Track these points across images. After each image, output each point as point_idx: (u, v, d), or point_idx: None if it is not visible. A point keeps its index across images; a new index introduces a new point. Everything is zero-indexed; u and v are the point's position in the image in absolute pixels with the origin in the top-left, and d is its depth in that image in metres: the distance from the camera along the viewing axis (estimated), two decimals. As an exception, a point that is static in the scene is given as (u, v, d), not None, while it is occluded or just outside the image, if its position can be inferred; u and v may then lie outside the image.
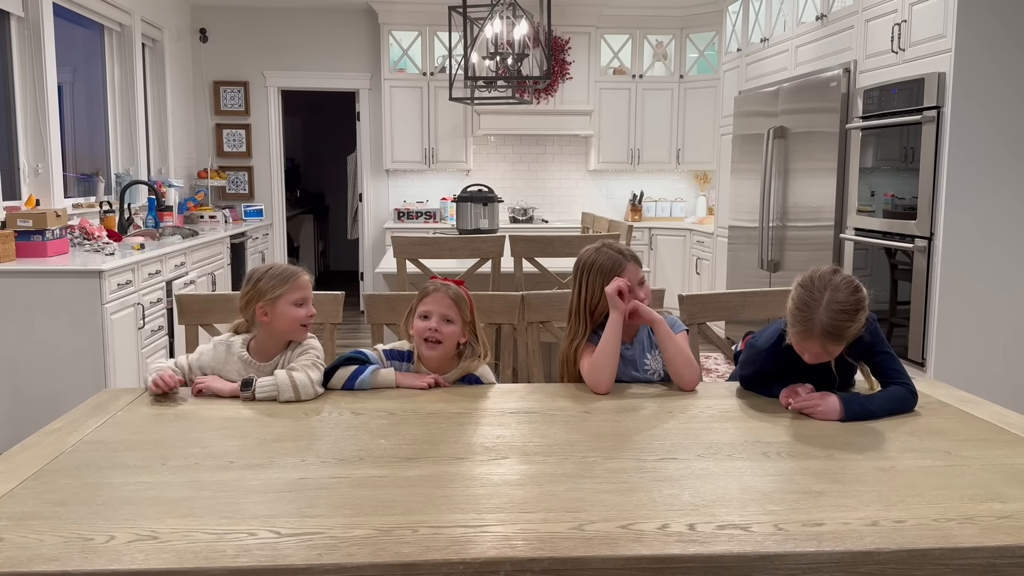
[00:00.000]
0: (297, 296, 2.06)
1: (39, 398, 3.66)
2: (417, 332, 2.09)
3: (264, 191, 7.40)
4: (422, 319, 2.08)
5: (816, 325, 1.77)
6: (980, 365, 3.62)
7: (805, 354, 1.85)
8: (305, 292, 2.08)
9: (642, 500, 1.34)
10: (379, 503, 1.33)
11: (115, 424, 1.74)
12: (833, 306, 1.77)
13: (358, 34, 7.29)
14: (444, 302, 2.08)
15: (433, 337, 2.06)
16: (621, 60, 7.32)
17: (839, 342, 1.80)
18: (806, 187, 4.75)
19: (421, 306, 2.09)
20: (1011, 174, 3.56)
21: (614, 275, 2.07)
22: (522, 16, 4.81)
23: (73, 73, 5.33)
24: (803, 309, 1.80)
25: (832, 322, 1.77)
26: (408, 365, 2.13)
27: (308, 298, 2.09)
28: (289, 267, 2.12)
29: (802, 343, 1.82)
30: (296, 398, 1.92)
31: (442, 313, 2.07)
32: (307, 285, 2.10)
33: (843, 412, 1.79)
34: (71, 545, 1.17)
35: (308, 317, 2.08)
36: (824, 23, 4.60)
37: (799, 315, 1.81)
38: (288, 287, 2.05)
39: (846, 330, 1.78)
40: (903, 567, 1.19)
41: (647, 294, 2.13)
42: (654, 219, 7.48)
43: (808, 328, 1.79)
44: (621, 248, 2.15)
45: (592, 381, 2.01)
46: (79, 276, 3.67)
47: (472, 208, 5.53)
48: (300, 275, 2.10)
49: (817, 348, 1.81)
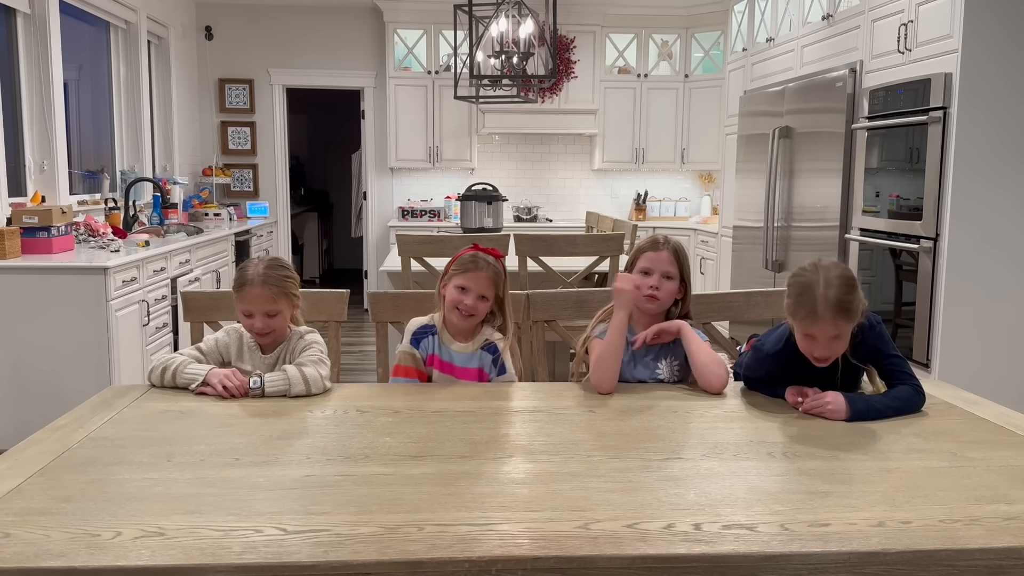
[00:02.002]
0: (242, 307, 2.01)
1: (44, 394, 3.67)
2: (451, 301, 2.10)
3: (269, 189, 7.40)
4: (459, 290, 2.09)
5: (821, 303, 1.76)
6: (985, 366, 3.61)
7: (815, 349, 1.81)
8: (249, 306, 2.00)
9: (648, 499, 1.34)
10: (385, 501, 1.33)
11: (121, 421, 1.74)
12: (832, 280, 1.77)
13: (363, 32, 7.29)
14: (484, 282, 2.09)
15: (467, 311, 2.09)
16: (626, 59, 7.31)
17: (848, 318, 1.78)
18: (811, 187, 4.74)
19: (461, 279, 2.09)
20: (1017, 175, 3.55)
21: (644, 251, 2.09)
22: (527, 15, 4.81)
23: (79, 70, 5.34)
24: (804, 293, 1.79)
25: (837, 295, 1.76)
26: (433, 338, 2.14)
27: (254, 312, 2.00)
28: (249, 273, 2.02)
29: (811, 328, 1.78)
30: (307, 392, 1.93)
31: (480, 292, 2.09)
32: (253, 299, 1.99)
33: (849, 411, 1.78)
34: (77, 541, 1.18)
35: (254, 330, 2.01)
36: (830, 23, 4.59)
37: (802, 300, 1.79)
38: (237, 295, 2.02)
39: (851, 303, 1.77)
40: (909, 568, 1.18)
41: (667, 292, 2.10)
42: (658, 219, 7.47)
43: (813, 309, 1.76)
44: (669, 238, 2.15)
45: (595, 380, 2.01)
46: (84, 273, 3.68)
47: (476, 207, 5.53)
48: (247, 286, 2.00)
49: (829, 329, 1.77)
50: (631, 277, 2.07)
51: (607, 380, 1.99)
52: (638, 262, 2.12)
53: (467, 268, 2.10)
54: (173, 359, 1.99)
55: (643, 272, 2.09)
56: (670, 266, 2.09)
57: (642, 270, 2.10)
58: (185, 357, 2.01)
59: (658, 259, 2.09)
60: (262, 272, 2.02)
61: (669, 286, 2.10)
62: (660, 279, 2.08)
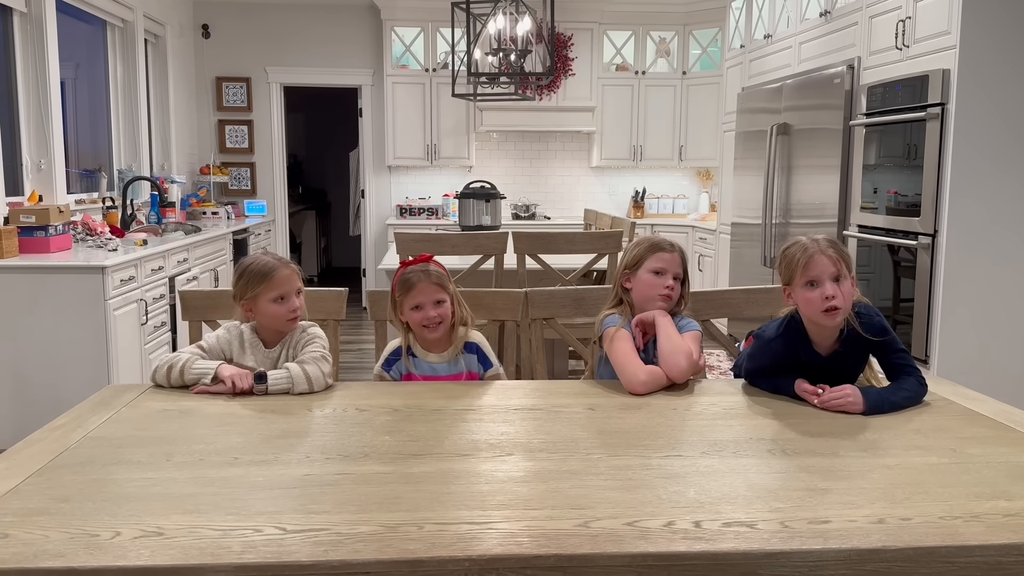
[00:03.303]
0: (274, 293, 2.01)
1: (43, 394, 3.66)
2: (416, 323, 2.12)
3: (266, 187, 7.40)
4: (416, 310, 2.10)
5: (811, 244, 1.87)
6: (984, 362, 3.61)
7: (826, 290, 1.82)
8: (283, 288, 2.02)
9: (647, 497, 1.34)
10: (384, 500, 1.32)
11: (119, 420, 1.74)
12: (818, 236, 1.91)
13: (361, 30, 7.28)
14: (430, 289, 2.10)
15: (434, 323, 2.11)
16: (624, 56, 7.31)
17: (843, 255, 1.87)
18: (809, 184, 4.74)
19: (409, 301, 2.11)
20: (1015, 171, 3.55)
21: (656, 251, 2.15)
22: (525, 12, 4.81)
23: (76, 69, 5.32)
24: (797, 250, 1.89)
25: (826, 238, 1.88)
26: (409, 358, 2.15)
27: (288, 293, 2.02)
28: (269, 262, 2.04)
29: (812, 270, 1.84)
30: (310, 390, 1.93)
31: (433, 299, 2.10)
32: (285, 281, 2.02)
33: (865, 404, 1.80)
34: (76, 541, 1.17)
35: (291, 312, 2.03)
36: (828, 19, 4.59)
37: (794, 251, 1.89)
38: (264, 285, 2.01)
39: (838, 243, 1.89)
40: (910, 565, 1.18)
41: (677, 292, 2.16)
42: (656, 216, 7.47)
43: (806, 251, 1.86)
44: (672, 242, 2.21)
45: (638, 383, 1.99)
46: (82, 272, 3.67)
47: (475, 205, 5.53)
48: (276, 271, 2.02)
49: (828, 266, 1.83)
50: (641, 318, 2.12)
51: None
52: (647, 261, 2.15)
53: (410, 287, 2.11)
54: (179, 357, 1.98)
55: (656, 272, 2.14)
56: (680, 267, 2.17)
57: (655, 270, 2.14)
58: (190, 355, 2.00)
59: (672, 260, 2.15)
60: (278, 258, 2.07)
61: (678, 286, 2.17)
62: (433, 307, 2.12)
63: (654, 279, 2.13)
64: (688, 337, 2.07)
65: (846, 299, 1.84)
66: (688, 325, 2.14)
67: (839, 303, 1.82)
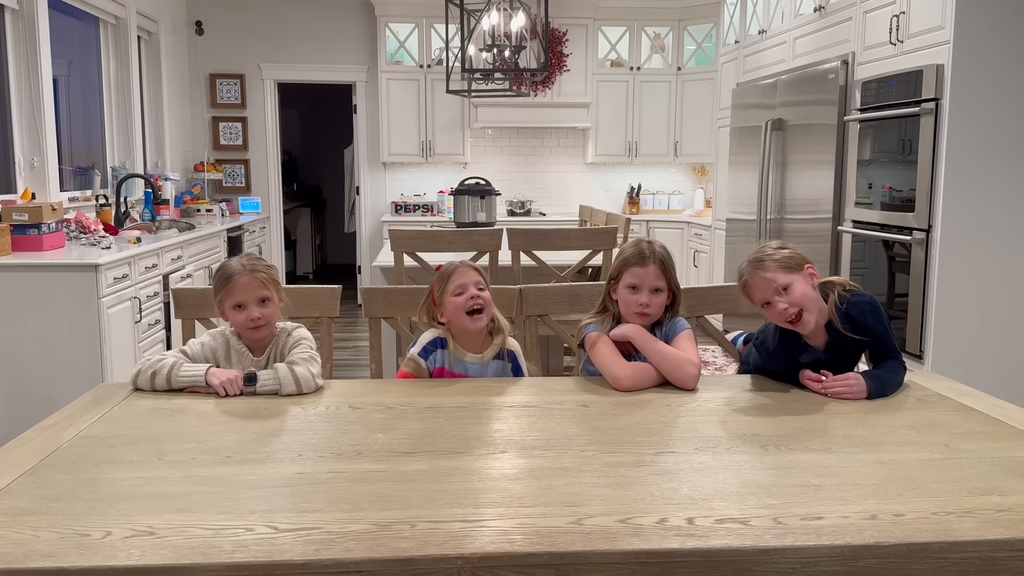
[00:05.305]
0: (232, 301, 1.98)
1: (35, 393, 3.65)
2: (457, 308, 2.05)
3: (261, 184, 7.38)
4: (457, 295, 2.05)
5: (743, 270, 1.98)
6: (978, 357, 3.61)
7: (771, 315, 1.95)
8: (240, 297, 1.96)
9: (640, 494, 1.34)
10: (377, 498, 1.32)
11: (111, 419, 1.73)
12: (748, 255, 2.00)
13: (355, 26, 7.26)
14: (473, 274, 2.08)
15: (477, 305, 2.04)
16: (619, 52, 7.30)
17: (767, 269, 1.93)
18: (804, 179, 4.74)
19: (451, 284, 2.06)
20: (1009, 166, 3.56)
21: (630, 266, 2.07)
22: (519, 8, 4.79)
23: (68, 66, 5.30)
24: (738, 279, 2.01)
25: (750, 258, 1.97)
26: (443, 352, 2.11)
27: (247, 302, 1.96)
28: (232, 268, 1.99)
29: (750, 293, 1.97)
30: (298, 391, 1.91)
31: (476, 281, 2.07)
32: (243, 289, 1.96)
33: (869, 390, 1.87)
34: (67, 541, 1.17)
35: (250, 320, 1.97)
36: (822, 15, 4.59)
37: (739, 283, 2.01)
38: (224, 292, 1.97)
39: (766, 256, 1.94)
40: (902, 561, 1.18)
41: (656, 306, 2.07)
42: (652, 212, 7.47)
43: (741, 281, 1.98)
44: (655, 249, 2.10)
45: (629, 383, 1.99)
46: (75, 270, 3.66)
47: (469, 201, 5.52)
48: (234, 278, 1.96)
49: (763, 286, 1.92)
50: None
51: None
52: (624, 276, 2.07)
53: (451, 274, 2.08)
54: (163, 361, 1.93)
55: (630, 287, 2.05)
56: (657, 280, 2.05)
57: (629, 286, 2.05)
58: (175, 359, 1.96)
59: (645, 275, 2.04)
60: (245, 263, 2.01)
61: (658, 300, 2.06)
62: (649, 295, 2.04)
63: (629, 296, 2.05)
64: (681, 338, 2.05)
65: (656, 308, 2.02)
66: (679, 325, 2.10)
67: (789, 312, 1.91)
